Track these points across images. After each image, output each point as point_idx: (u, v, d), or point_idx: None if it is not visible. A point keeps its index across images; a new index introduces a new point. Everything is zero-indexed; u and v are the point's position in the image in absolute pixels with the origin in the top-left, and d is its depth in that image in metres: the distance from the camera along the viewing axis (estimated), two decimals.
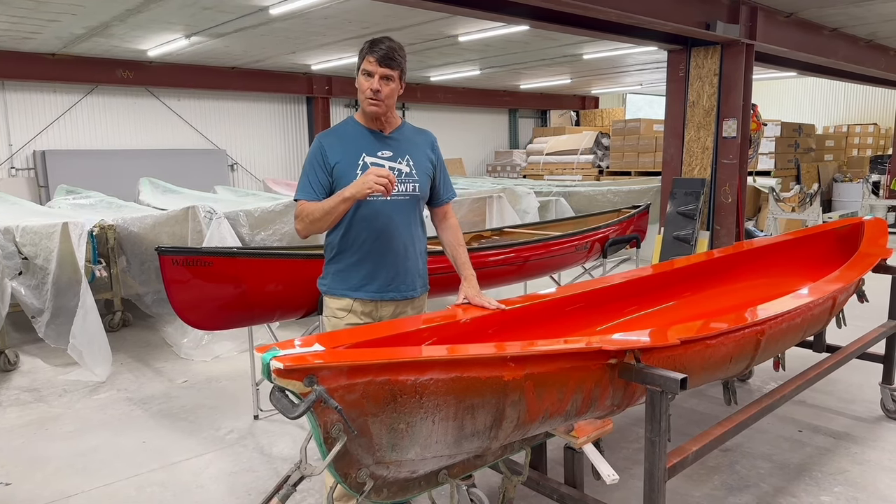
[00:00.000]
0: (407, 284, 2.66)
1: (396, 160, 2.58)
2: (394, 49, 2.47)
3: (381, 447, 1.93)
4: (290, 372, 1.69)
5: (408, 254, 2.64)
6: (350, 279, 2.61)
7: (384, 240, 2.56)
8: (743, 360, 2.84)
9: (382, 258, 2.58)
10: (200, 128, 12.37)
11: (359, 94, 2.53)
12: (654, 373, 2.17)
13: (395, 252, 2.59)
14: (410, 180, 2.60)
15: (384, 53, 2.44)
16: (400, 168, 2.58)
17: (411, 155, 2.62)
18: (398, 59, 2.48)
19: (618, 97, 19.79)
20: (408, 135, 2.67)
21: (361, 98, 2.51)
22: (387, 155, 2.57)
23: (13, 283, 5.42)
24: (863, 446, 3.72)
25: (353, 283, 2.61)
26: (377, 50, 2.45)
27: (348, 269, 2.60)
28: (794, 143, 12.79)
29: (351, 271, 2.60)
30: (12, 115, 10.43)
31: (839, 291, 3.38)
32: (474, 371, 1.99)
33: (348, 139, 2.56)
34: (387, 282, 2.61)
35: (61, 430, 4.13)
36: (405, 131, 2.67)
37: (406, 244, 2.62)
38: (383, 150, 2.57)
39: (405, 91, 2.63)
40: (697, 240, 7.18)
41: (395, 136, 2.62)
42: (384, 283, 2.60)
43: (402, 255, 2.62)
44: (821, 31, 8.20)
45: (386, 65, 2.45)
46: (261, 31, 8.32)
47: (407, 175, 2.59)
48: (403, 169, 2.58)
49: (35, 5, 6.93)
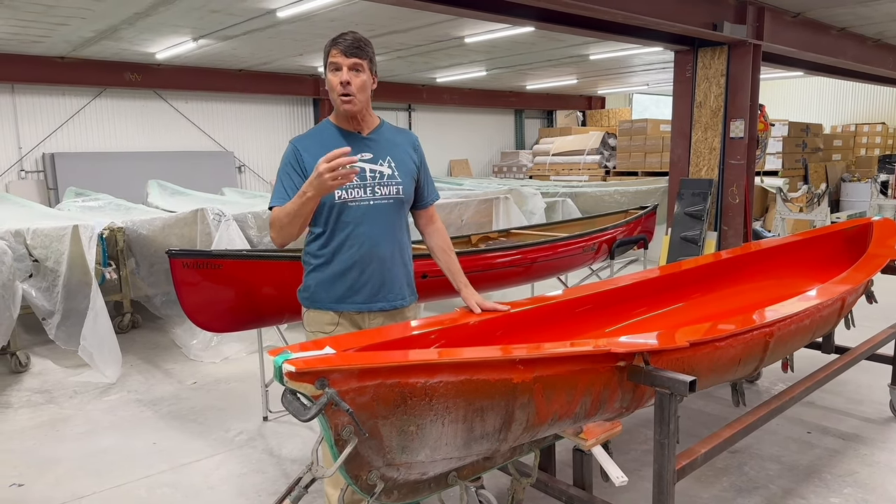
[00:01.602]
0: (395, 294, 2.52)
1: (377, 162, 2.45)
2: (359, 39, 2.37)
3: (391, 449, 1.94)
4: (301, 375, 1.70)
5: (394, 261, 2.50)
6: (334, 290, 2.46)
7: (368, 246, 2.42)
8: (752, 362, 2.84)
9: (367, 266, 2.44)
10: (208, 130, 12.43)
11: (330, 94, 2.40)
12: (663, 375, 2.18)
13: (381, 259, 2.46)
14: (393, 182, 2.46)
15: (349, 43, 2.34)
16: (382, 170, 2.45)
17: (393, 156, 2.49)
18: (364, 47, 2.37)
19: (624, 97, 19.76)
20: (388, 135, 2.54)
21: (334, 97, 2.39)
22: (367, 157, 2.44)
23: (24, 285, 5.46)
24: (872, 448, 3.71)
25: (338, 295, 2.46)
26: (341, 41, 2.34)
27: (331, 280, 2.45)
28: (802, 142, 12.74)
29: (334, 282, 2.45)
30: (22, 117, 10.51)
31: (848, 293, 3.37)
32: (483, 373, 2.00)
33: (324, 142, 2.40)
34: (374, 292, 2.47)
35: (72, 431, 4.17)
36: (384, 131, 2.54)
37: (392, 250, 2.49)
38: (363, 152, 2.43)
39: (411, 92, 2.59)
40: (705, 241, 7.17)
41: (374, 136, 2.50)
42: (371, 293, 2.46)
43: (389, 263, 2.48)
44: (828, 31, 8.18)
45: (353, 54, 2.33)
46: (268, 33, 8.36)
47: (389, 177, 2.46)
48: (385, 171, 2.46)
49: (44, 9, 6.99)
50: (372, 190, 2.43)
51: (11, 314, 4.99)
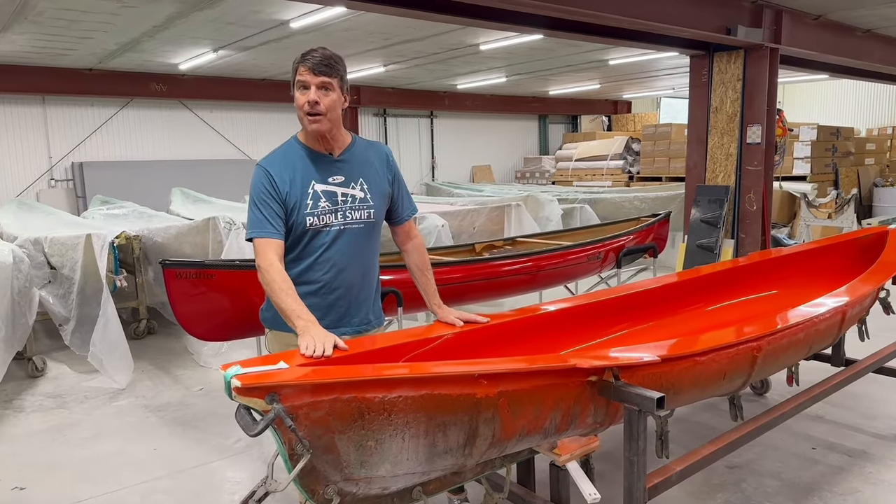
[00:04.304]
0: (360, 318, 2.50)
1: (349, 185, 2.40)
2: (329, 56, 2.28)
3: (349, 464, 1.94)
4: (249, 390, 1.72)
5: (362, 285, 2.48)
6: None
7: (336, 272, 2.39)
8: (739, 377, 2.77)
9: (333, 291, 2.41)
10: (232, 138, 12.65)
11: (298, 113, 2.33)
12: (631, 391, 2.14)
13: (349, 284, 2.43)
14: (365, 206, 2.42)
15: (318, 60, 2.25)
16: (353, 194, 2.40)
17: (365, 177, 2.44)
18: (335, 65, 2.28)
19: (652, 101, 19.49)
20: (359, 154, 2.46)
21: (300, 116, 2.32)
22: (338, 180, 2.38)
23: (42, 291, 5.63)
24: (879, 465, 3.58)
25: None
26: (310, 59, 2.26)
27: None
28: (832, 146, 12.41)
29: None
30: (52, 128, 10.84)
31: (848, 305, 3.27)
32: (444, 388, 1.99)
33: (295, 165, 2.35)
34: (339, 316, 2.44)
35: (79, 436, 4.27)
36: (356, 150, 2.47)
37: (360, 275, 2.46)
38: (334, 176, 2.38)
39: (433, 99, 2.49)
40: (721, 248, 7.04)
41: (345, 157, 2.43)
42: (336, 317, 2.43)
43: (357, 288, 2.46)
44: (853, 33, 7.96)
45: (321, 72, 2.25)
46: (284, 44, 8.47)
47: (361, 201, 2.41)
48: (357, 195, 2.41)
49: (67, 24, 7.20)
50: (343, 214, 2.39)
51: (27, 320, 5.14)
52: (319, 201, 2.35)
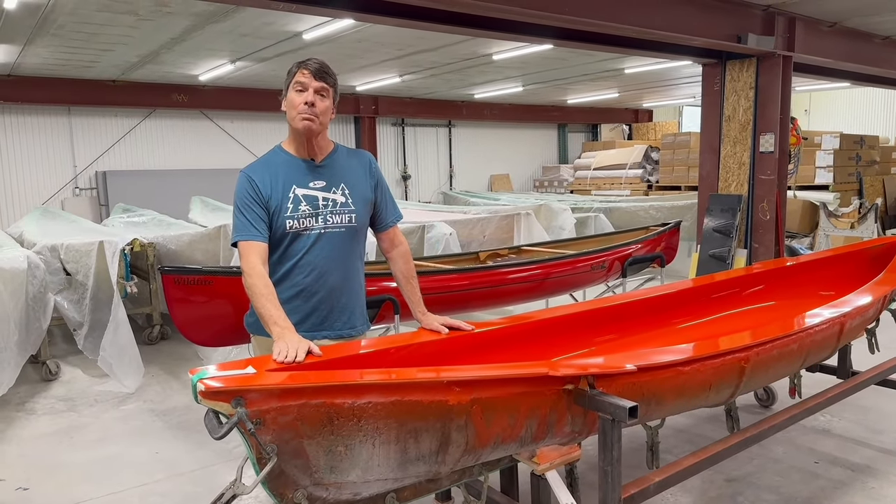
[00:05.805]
0: (343, 322, 2.51)
1: (330, 189, 2.43)
2: (327, 66, 2.37)
3: (318, 469, 1.96)
4: (214, 394, 1.75)
5: (343, 289, 2.49)
6: None
7: (317, 275, 2.41)
8: (727, 388, 2.74)
9: (314, 295, 2.43)
10: (252, 148, 12.84)
11: (289, 112, 2.37)
12: (605, 400, 2.13)
13: (330, 288, 2.44)
14: (346, 211, 2.45)
15: (318, 67, 2.33)
16: (334, 198, 2.43)
17: (347, 182, 2.47)
18: (332, 75, 2.37)
19: (674, 110, 19.34)
20: (341, 161, 2.50)
21: (292, 115, 2.35)
22: (319, 185, 2.42)
23: (58, 297, 5.77)
24: (882, 481, 3.50)
25: None
26: (311, 64, 2.34)
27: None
28: (856, 155, 12.17)
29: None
30: (77, 137, 11.14)
31: (848, 316, 3.21)
32: (415, 395, 2.00)
33: (277, 171, 2.40)
34: (320, 319, 2.45)
35: (85, 438, 4.36)
36: (338, 157, 2.51)
37: (343, 279, 2.48)
38: (315, 181, 2.42)
39: (450, 108, 2.50)
40: (734, 258, 6.95)
41: (327, 163, 2.47)
42: (317, 322, 2.44)
43: (338, 291, 2.47)
44: (871, 40, 7.83)
45: (321, 78, 2.33)
46: (299, 55, 8.53)
47: (342, 205, 2.44)
48: (338, 199, 2.43)
49: (88, 37, 7.42)
50: (324, 218, 2.42)
51: (41, 325, 5.27)
52: (300, 205, 2.39)
